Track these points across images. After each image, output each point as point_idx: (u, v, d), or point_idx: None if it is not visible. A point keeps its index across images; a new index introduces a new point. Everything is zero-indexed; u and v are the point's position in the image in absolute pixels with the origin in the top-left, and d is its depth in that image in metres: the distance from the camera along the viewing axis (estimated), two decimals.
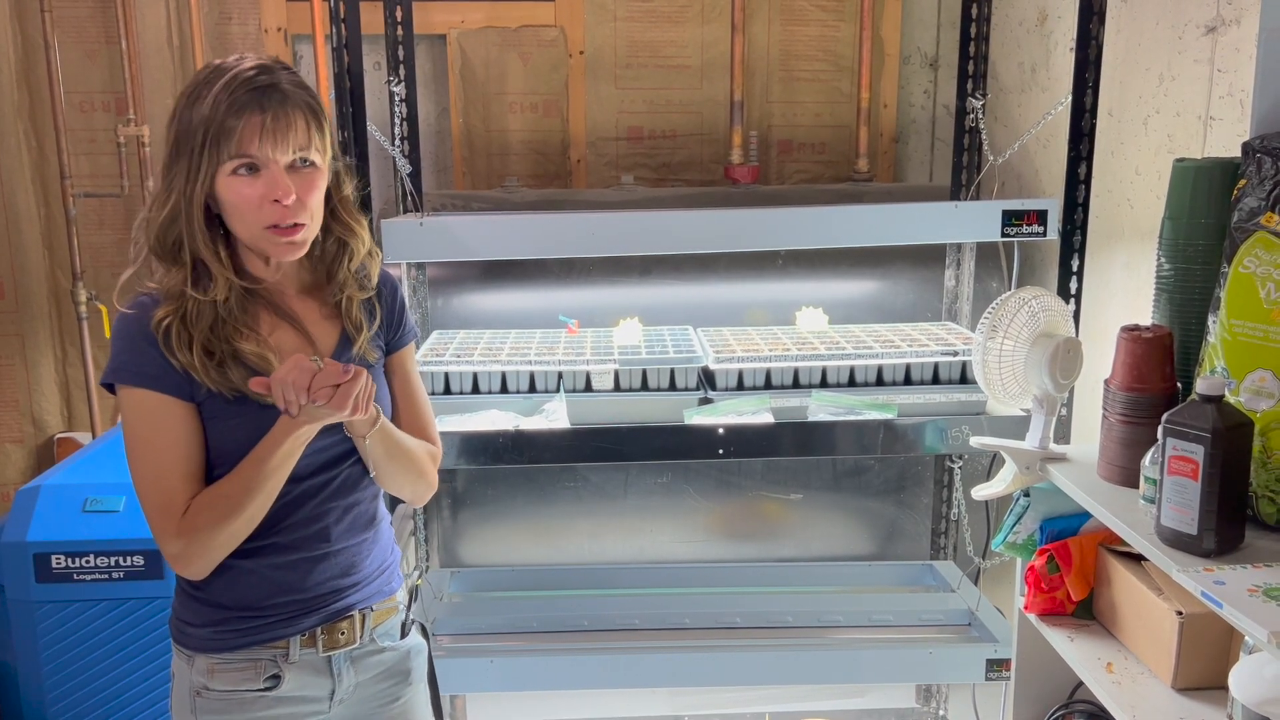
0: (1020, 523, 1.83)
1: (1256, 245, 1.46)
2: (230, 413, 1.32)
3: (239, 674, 1.39)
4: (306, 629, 1.41)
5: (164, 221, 1.30)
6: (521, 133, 3.11)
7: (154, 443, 1.31)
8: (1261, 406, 1.39)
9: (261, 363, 1.32)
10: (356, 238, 1.43)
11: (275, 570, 1.38)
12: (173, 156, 1.29)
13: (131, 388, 1.31)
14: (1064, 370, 1.73)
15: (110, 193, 3.01)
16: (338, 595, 1.43)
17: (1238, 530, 1.36)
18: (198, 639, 1.39)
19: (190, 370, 1.29)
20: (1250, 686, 1.34)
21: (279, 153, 1.28)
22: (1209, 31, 1.98)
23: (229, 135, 1.25)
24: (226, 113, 1.25)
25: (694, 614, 2.45)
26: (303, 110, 1.30)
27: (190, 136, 1.27)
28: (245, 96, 1.26)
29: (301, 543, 1.40)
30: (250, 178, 1.28)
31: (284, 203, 1.28)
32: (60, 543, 2.11)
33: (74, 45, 2.98)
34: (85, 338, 3.03)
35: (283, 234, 1.31)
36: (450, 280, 2.68)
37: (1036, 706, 1.93)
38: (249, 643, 1.38)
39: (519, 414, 2.15)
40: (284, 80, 1.30)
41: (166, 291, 1.32)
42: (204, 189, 1.28)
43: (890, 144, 3.19)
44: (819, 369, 2.24)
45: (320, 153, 1.33)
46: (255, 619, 1.39)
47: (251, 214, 1.29)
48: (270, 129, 1.26)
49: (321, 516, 1.40)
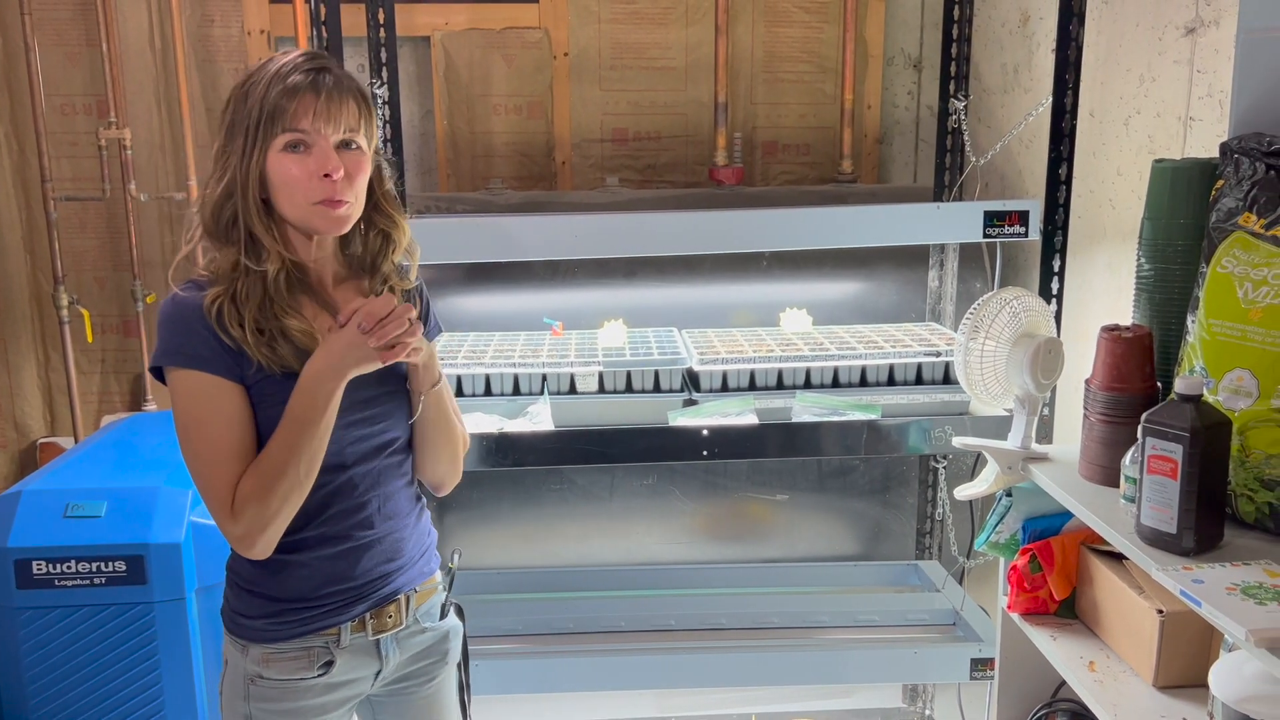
0: (1003, 522, 1.83)
1: (1234, 245, 1.47)
2: (279, 393, 1.34)
3: (293, 663, 1.42)
4: (357, 615, 1.45)
5: (220, 198, 1.34)
6: (506, 135, 3.11)
7: (207, 424, 1.33)
8: (1240, 405, 1.40)
9: (308, 340, 1.36)
10: (399, 229, 1.48)
11: (324, 561, 1.42)
12: (227, 139, 1.35)
13: (183, 370, 1.33)
14: (1045, 370, 1.74)
15: (92, 196, 2.99)
16: (385, 580, 1.47)
17: (1217, 529, 1.37)
18: (252, 630, 1.43)
19: (243, 346, 1.32)
20: (1230, 684, 1.35)
21: (329, 130, 1.33)
22: (1188, 33, 1.99)
23: (282, 113, 1.31)
24: (281, 93, 1.31)
25: (680, 615, 2.45)
26: (353, 95, 1.35)
27: (245, 117, 1.32)
28: (299, 78, 1.32)
29: (347, 531, 1.43)
30: (300, 155, 1.33)
31: (334, 177, 1.33)
32: (41, 549, 2.09)
33: (55, 48, 2.96)
34: (67, 342, 3.01)
35: (330, 206, 1.35)
36: (434, 282, 2.65)
37: (1020, 705, 1.94)
38: (302, 632, 1.42)
39: (503, 416, 2.15)
40: (335, 67, 1.37)
41: (217, 273, 1.36)
42: (259, 165, 1.32)
43: (874, 145, 3.20)
44: (803, 370, 2.24)
45: (367, 139, 1.38)
46: (308, 609, 1.42)
47: (300, 190, 1.33)
48: (324, 107, 1.32)
49: (364, 505, 1.44)
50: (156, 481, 2.20)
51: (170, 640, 2.14)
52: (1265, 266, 1.41)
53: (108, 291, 3.09)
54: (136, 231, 3.01)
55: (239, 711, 1.44)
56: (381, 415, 1.43)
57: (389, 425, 1.45)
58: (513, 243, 2.20)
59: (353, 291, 1.47)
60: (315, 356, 1.33)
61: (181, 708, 2.16)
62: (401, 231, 1.48)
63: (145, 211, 3.04)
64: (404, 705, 1.57)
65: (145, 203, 3.01)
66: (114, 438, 2.55)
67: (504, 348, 2.36)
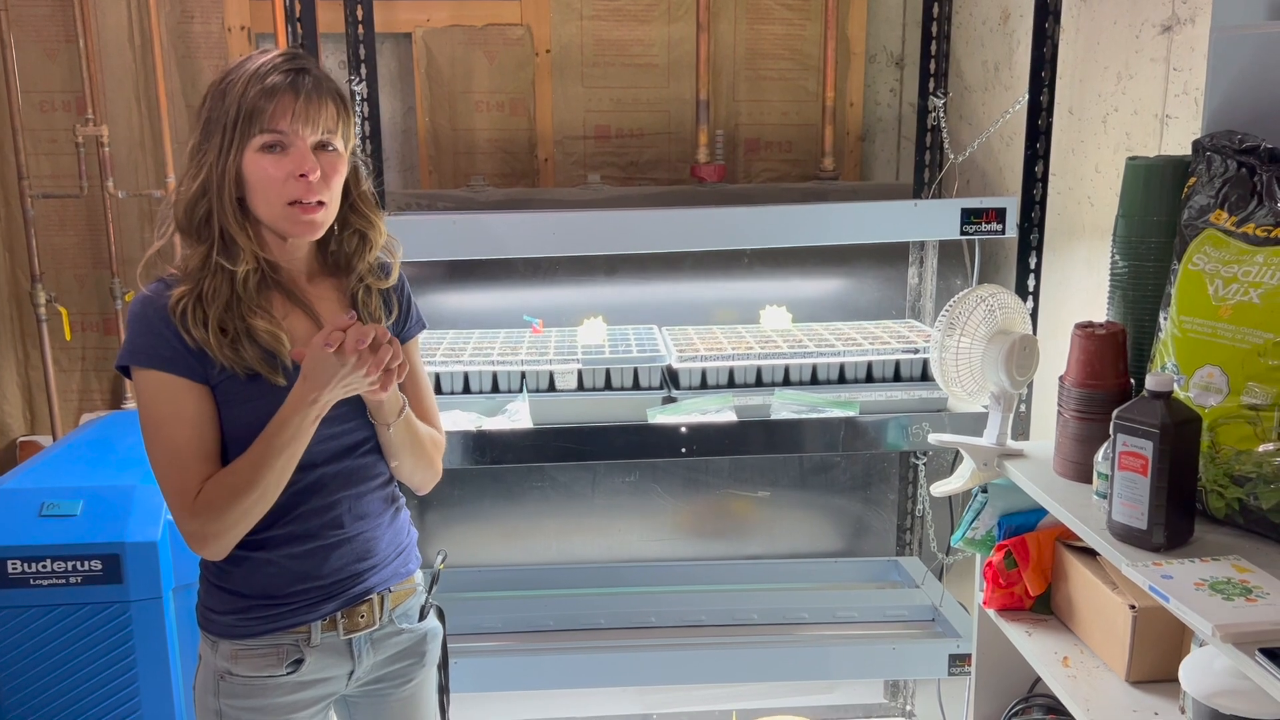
0: (979, 519, 1.84)
1: (1205, 243, 1.47)
2: (243, 394, 1.34)
3: (262, 659, 1.42)
4: (327, 614, 1.44)
5: (194, 195, 1.34)
6: (488, 131, 3.10)
7: (169, 424, 1.33)
8: (1210, 402, 1.41)
9: (274, 341, 1.35)
10: (375, 229, 1.48)
11: (292, 559, 1.41)
12: (203, 137, 1.34)
13: (147, 370, 1.33)
14: (1020, 367, 1.74)
15: (70, 193, 2.97)
16: (356, 579, 1.46)
17: (1187, 525, 1.37)
18: (221, 625, 1.43)
19: (205, 348, 1.32)
20: (1200, 679, 1.36)
21: (307, 131, 1.33)
22: (1165, 30, 2.00)
23: (260, 113, 1.31)
24: (259, 94, 1.31)
25: (662, 612, 2.45)
26: (332, 97, 1.36)
27: (222, 115, 1.32)
28: (278, 79, 1.32)
29: (316, 531, 1.42)
30: (277, 155, 1.33)
31: (310, 178, 1.33)
32: (16, 548, 2.07)
33: (33, 44, 2.94)
34: (45, 340, 3.00)
35: (304, 211, 1.35)
36: (414, 279, 2.62)
37: (997, 701, 1.95)
38: (271, 629, 1.42)
39: (481, 414, 2.15)
40: (314, 67, 1.37)
41: (186, 271, 1.35)
42: (235, 163, 1.32)
43: (857, 142, 3.20)
44: (782, 367, 2.25)
45: (344, 140, 1.39)
46: (277, 607, 1.42)
47: (275, 190, 1.33)
48: (302, 109, 1.32)
49: (334, 505, 1.43)
50: (133, 480, 2.19)
51: (147, 639, 2.13)
52: (1236, 264, 1.42)
53: (87, 289, 3.07)
54: (115, 229, 2.99)
55: (210, 707, 1.44)
56: (349, 415, 1.42)
57: (357, 425, 1.44)
58: (494, 240, 2.20)
59: (328, 289, 1.47)
60: (300, 385, 1.31)
61: (158, 707, 2.15)
62: (378, 232, 1.48)
63: (124, 209, 3.02)
64: (380, 706, 1.56)
65: (124, 200, 2.99)
66: (91, 436, 2.53)
67: (483, 345, 2.35)
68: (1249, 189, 1.46)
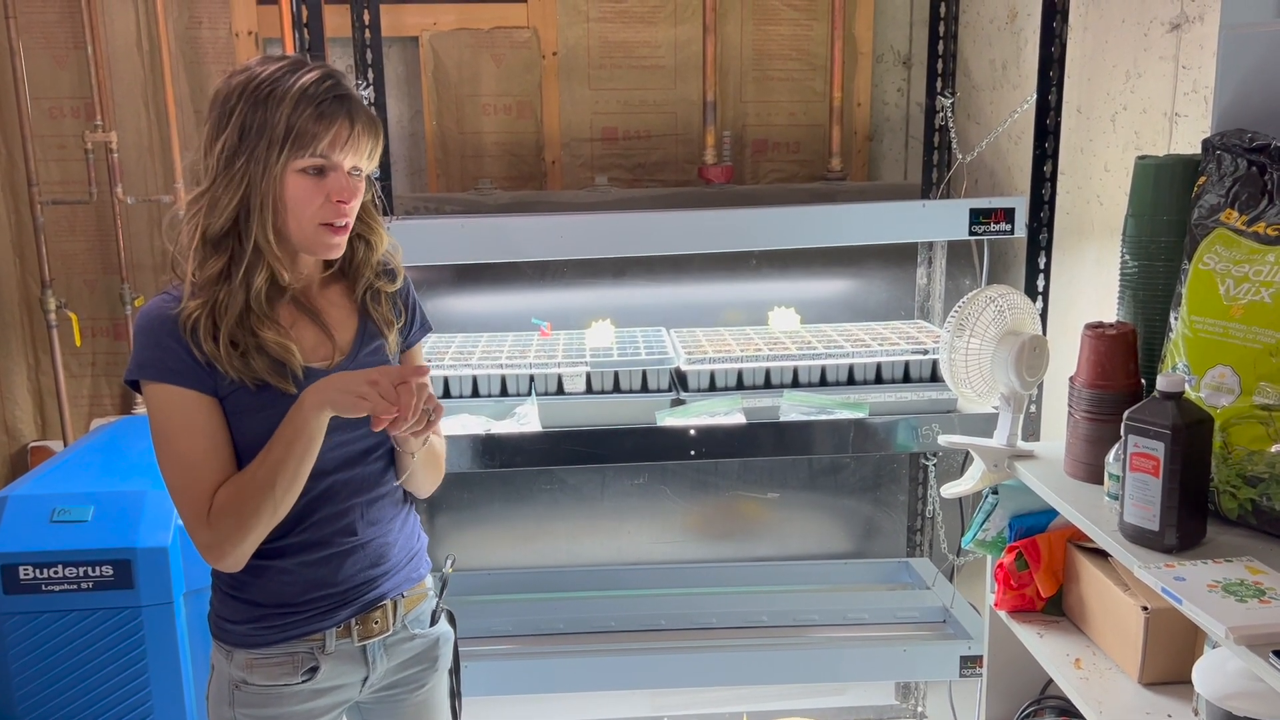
0: (989, 520, 1.83)
1: (1216, 242, 1.47)
2: (254, 404, 1.35)
3: (277, 668, 1.42)
4: (341, 621, 1.45)
5: (234, 207, 1.33)
6: (495, 134, 3.10)
7: (180, 437, 1.33)
8: (1222, 402, 1.40)
9: (283, 352, 1.36)
10: (377, 234, 1.49)
11: (307, 567, 1.42)
12: (240, 146, 1.31)
13: (156, 383, 1.33)
14: (1029, 368, 1.74)
15: (79, 199, 2.98)
16: (370, 585, 1.47)
17: (1199, 526, 1.37)
18: (236, 635, 1.43)
19: (215, 361, 1.32)
20: (1213, 680, 1.35)
21: (348, 160, 1.35)
22: (1173, 29, 1.99)
23: (314, 138, 1.31)
24: (313, 116, 1.31)
25: (672, 615, 2.45)
26: (373, 126, 1.38)
27: (269, 129, 1.30)
28: (332, 105, 1.33)
29: (329, 538, 1.43)
30: (317, 178, 1.34)
31: (347, 205, 1.36)
32: (28, 554, 2.08)
33: (42, 51, 2.95)
34: (55, 346, 3.01)
35: (334, 233, 1.37)
36: (421, 283, 2.64)
37: (1009, 703, 1.94)
38: (286, 637, 1.42)
39: (490, 418, 2.15)
40: (355, 92, 1.38)
41: (199, 283, 1.34)
42: (280, 181, 1.32)
43: (864, 142, 3.20)
44: (790, 369, 2.24)
45: (370, 165, 1.41)
46: (291, 615, 1.42)
47: (310, 211, 1.35)
48: (354, 140, 1.34)
49: (347, 512, 1.44)
50: (144, 485, 2.19)
51: (158, 645, 2.13)
52: (1247, 263, 1.41)
53: (97, 295, 3.09)
54: (124, 235, 3.00)
55: (225, 717, 1.44)
56: (361, 422, 1.41)
57: (367, 431, 1.44)
58: (502, 243, 2.20)
59: (336, 295, 1.48)
60: (314, 390, 1.31)
61: (170, 711, 2.16)
62: (380, 237, 1.50)
63: (133, 214, 3.03)
64: (393, 712, 1.56)
65: (133, 205, 3.00)
66: (102, 441, 2.54)
67: (491, 349, 2.35)
68: (1259, 188, 1.45)
